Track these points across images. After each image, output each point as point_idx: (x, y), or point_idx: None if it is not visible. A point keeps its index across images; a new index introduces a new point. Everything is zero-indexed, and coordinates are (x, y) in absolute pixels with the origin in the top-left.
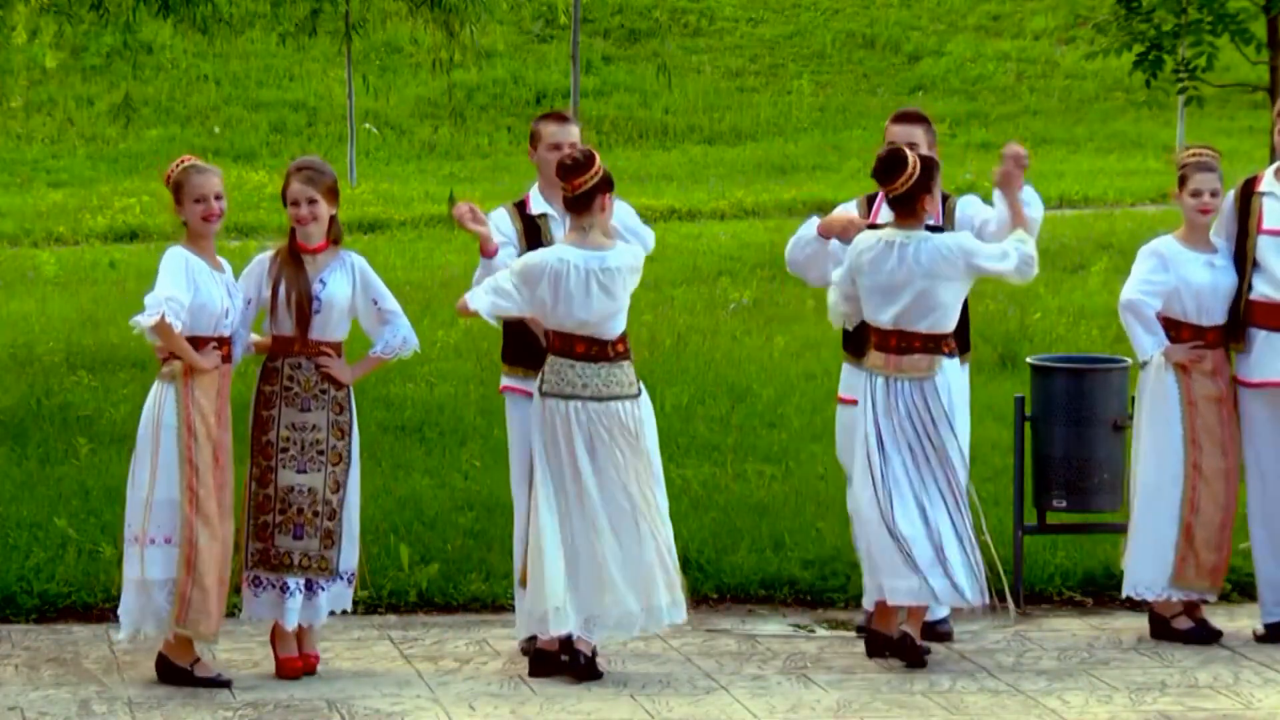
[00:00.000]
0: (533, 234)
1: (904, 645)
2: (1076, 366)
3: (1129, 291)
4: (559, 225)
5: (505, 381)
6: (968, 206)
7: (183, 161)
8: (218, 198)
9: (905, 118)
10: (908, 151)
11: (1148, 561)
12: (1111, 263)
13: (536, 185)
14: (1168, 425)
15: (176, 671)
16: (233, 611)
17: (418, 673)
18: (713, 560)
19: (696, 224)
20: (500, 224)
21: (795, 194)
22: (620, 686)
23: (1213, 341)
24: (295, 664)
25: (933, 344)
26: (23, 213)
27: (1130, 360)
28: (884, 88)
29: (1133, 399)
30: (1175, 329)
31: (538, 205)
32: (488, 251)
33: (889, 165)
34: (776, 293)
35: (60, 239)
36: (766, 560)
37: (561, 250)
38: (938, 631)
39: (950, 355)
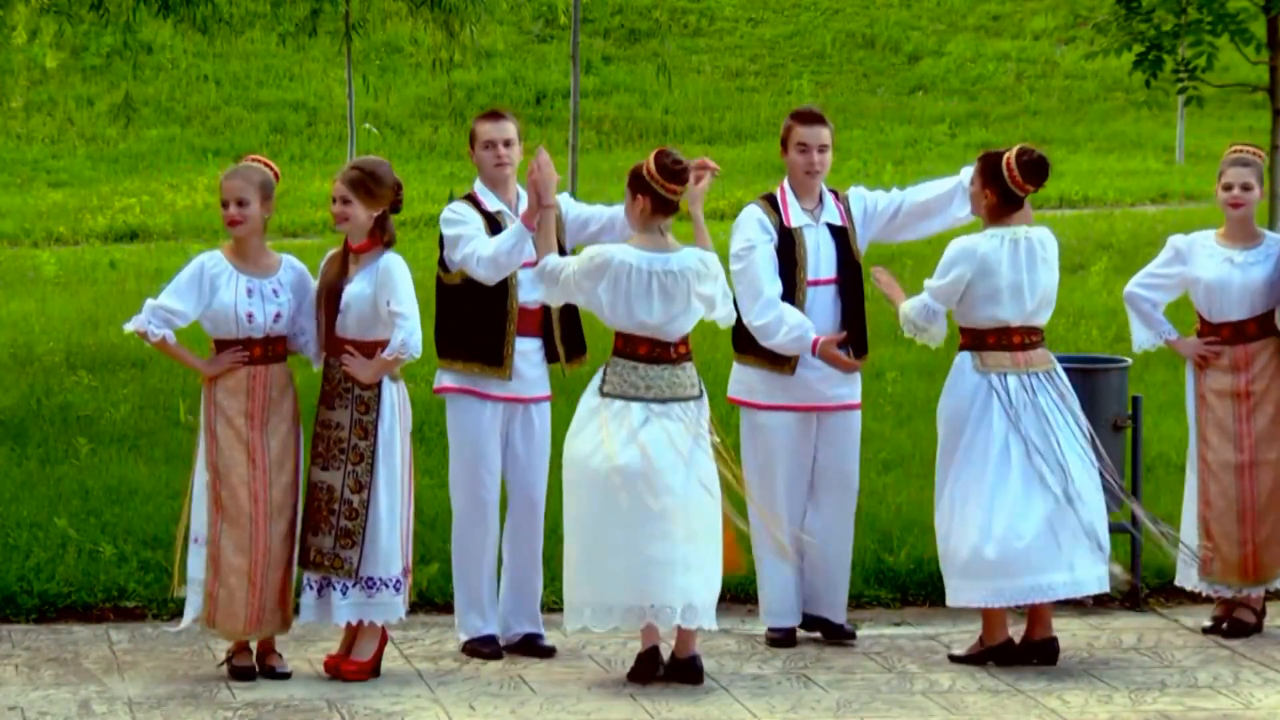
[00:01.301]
0: (495, 229)
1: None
2: (1076, 366)
3: (1130, 283)
4: (513, 221)
5: (446, 381)
6: (862, 197)
7: (242, 159)
8: (240, 204)
9: (814, 119)
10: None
11: (1185, 553)
12: (1111, 263)
13: (479, 184)
14: (1188, 418)
15: (237, 670)
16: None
17: (418, 673)
18: None
19: None
20: (468, 216)
21: None
22: (620, 686)
23: (1228, 337)
24: (328, 663)
25: (1042, 336)
26: (23, 213)
27: (1130, 360)
28: (884, 88)
29: (1133, 399)
30: (1199, 322)
31: (490, 202)
32: (532, 223)
33: (1046, 167)
34: None
35: (60, 239)
36: None
37: (623, 251)
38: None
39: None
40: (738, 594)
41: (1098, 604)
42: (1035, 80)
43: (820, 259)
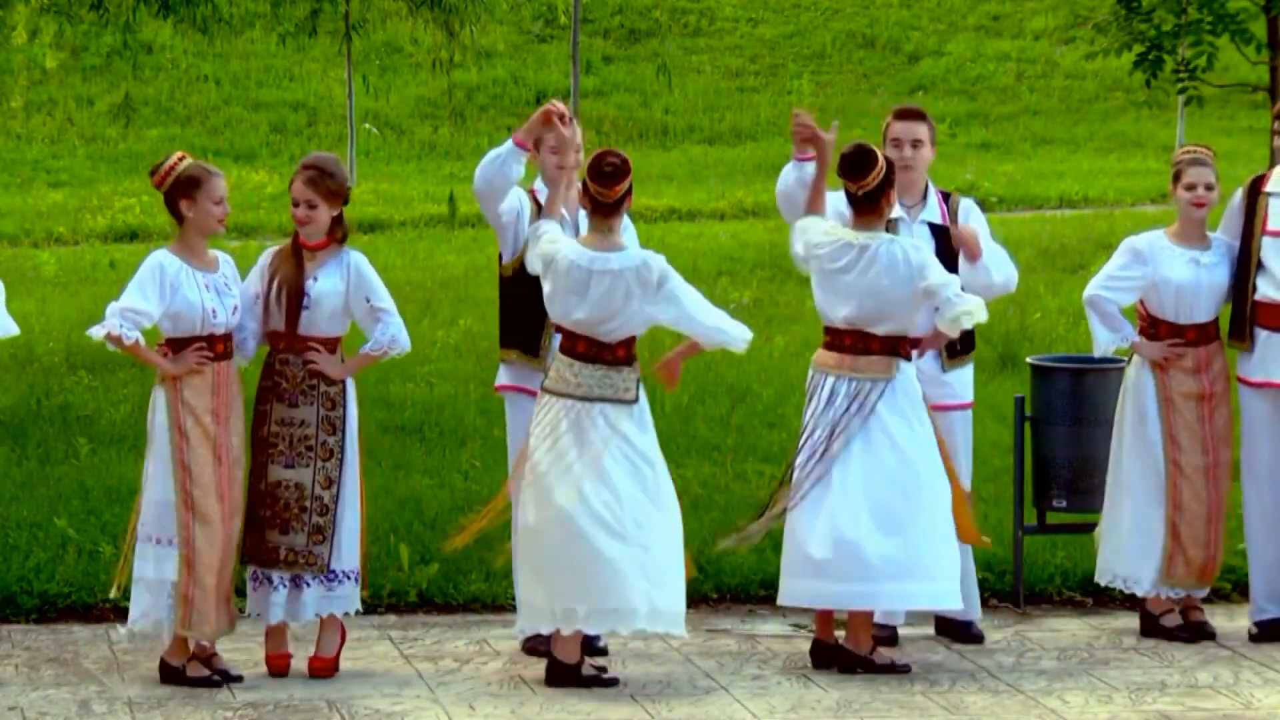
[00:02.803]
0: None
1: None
2: (1076, 366)
3: (1091, 286)
4: (569, 225)
5: (503, 379)
6: (969, 211)
7: (184, 158)
8: (221, 203)
9: (910, 114)
10: (875, 147)
11: (1136, 557)
12: None
13: (539, 182)
14: (1145, 422)
15: (172, 671)
16: (243, 609)
17: (418, 673)
18: (713, 560)
19: (696, 224)
20: (519, 204)
21: None
22: (620, 686)
23: (1193, 339)
24: (279, 660)
25: (890, 346)
26: (23, 213)
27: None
28: (884, 88)
29: None
30: (1155, 325)
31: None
32: (524, 143)
33: (858, 161)
34: (776, 293)
35: (60, 239)
36: (766, 560)
37: (569, 247)
38: (972, 634)
39: (909, 359)
40: (738, 594)
41: (1098, 604)
42: (1035, 80)
43: None
